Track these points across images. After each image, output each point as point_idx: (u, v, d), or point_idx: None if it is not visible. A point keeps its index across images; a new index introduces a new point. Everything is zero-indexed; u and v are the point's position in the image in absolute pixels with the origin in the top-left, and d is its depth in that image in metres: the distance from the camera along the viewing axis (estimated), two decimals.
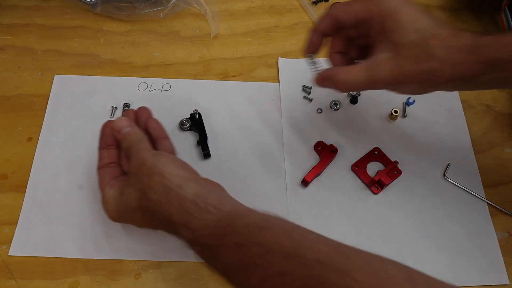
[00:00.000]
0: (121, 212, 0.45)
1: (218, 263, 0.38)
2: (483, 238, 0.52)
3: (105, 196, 0.47)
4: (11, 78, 0.61)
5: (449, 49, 0.41)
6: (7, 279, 0.48)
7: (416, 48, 0.42)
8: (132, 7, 0.65)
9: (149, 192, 0.42)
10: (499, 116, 0.61)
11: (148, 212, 0.43)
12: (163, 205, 0.41)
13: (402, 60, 0.42)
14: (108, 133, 0.49)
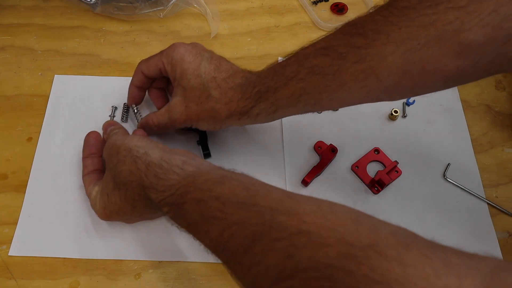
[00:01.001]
0: (104, 204, 0.47)
1: (182, 220, 0.39)
2: (483, 238, 0.52)
3: (91, 197, 0.49)
4: (11, 78, 0.61)
5: (222, 89, 0.48)
6: (7, 279, 0.48)
7: (198, 91, 0.48)
8: (132, 7, 0.65)
9: (119, 165, 0.44)
10: (499, 116, 0.61)
11: (122, 187, 0.44)
12: (133, 173, 0.43)
13: (188, 102, 0.49)
14: (92, 143, 0.52)
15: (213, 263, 0.50)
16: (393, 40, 0.39)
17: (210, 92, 0.48)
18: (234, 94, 0.48)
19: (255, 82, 0.47)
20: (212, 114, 0.49)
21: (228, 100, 0.48)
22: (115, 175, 0.45)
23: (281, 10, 0.69)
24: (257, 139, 0.58)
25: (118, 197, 0.45)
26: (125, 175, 0.44)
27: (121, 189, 0.45)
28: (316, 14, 0.68)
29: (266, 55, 0.65)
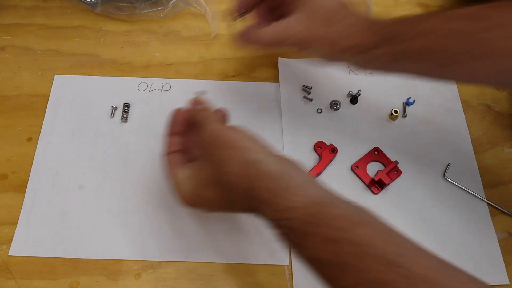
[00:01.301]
0: (195, 192, 0.43)
1: (307, 252, 0.36)
2: (483, 238, 0.52)
3: (177, 178, 0.45)
4: (11, 78, 0.61)
5: (350, 20, 0.47)
6: (7, 279, 0.48)
7: (326, 13, 0.47)
8: (132, 7, 0.65)
9: (225, 165, 0.40)
10: (499, 116, 0.61)
11: (226, 187, 0.40)
12: (243, 179, 0.39)
13: (312, 22, 0.47)
14: (178, 120, 0.48)
15: (213, 263, 0.50)
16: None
17: (338, 18, 0.47)
18: (360, 29, 0.46)
19: (389, 24, 0.45)
20: (332, 41, 0.47)
21: (353, 32, 0.46)
22: (219, 174, 0.40)
23: None
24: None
25: (217, 194, 0.41)
26: (233, 179, 0.39)
27: (224, 190, 0.41)
28: None
29: (266, 55, 0.65)
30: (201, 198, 0.43)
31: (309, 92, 0.61)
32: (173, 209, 0.53)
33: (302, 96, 0.61)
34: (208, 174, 0.42)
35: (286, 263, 0.50)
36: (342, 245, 0.34)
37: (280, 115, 0.59)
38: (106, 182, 0.54)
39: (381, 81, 0.62)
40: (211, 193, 0.42)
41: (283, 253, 0.50)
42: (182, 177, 0.44)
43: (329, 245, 0.34)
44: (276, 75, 0.63)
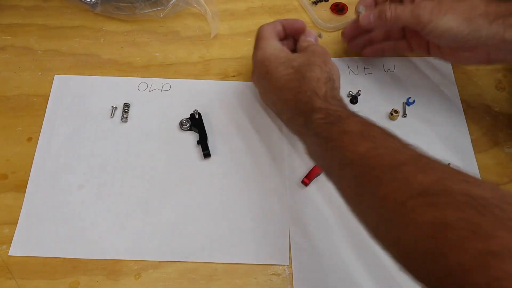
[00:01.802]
0: (272, 57, 0.51)
1: (337, 126, 0.43)
2: None
3: (267, 37, 0.53)
4: (11, 78, 0.61)
5: None
6: (7, 279, 0.48)
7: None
8: (132, 7, 0.65)
9: (311, 69, 0.49)
10: (499, 116, 0.61)
11: (298, 73, 0.49)
12: (318, 80, 0.48)
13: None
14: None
15: (213, 263, 0.50)
16: None
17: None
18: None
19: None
20: (466, 8, 0.48)
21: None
22: (305, 64, 0.50)
23: (281, 10, 0.69)
24: (257, 139, 0.58)
25: (285, 73, 0.50)
26: (308, 73, 0.48)
27: (293, 74, 0.49)
28: (316, 14, 0.68)
29: None
30: (266, 66, 0.51)
31: None
32: (173, 209, 0.53)
33: None
34: (294, 57, 0.51)
35: (286, 263, 0.50)
36: (369, 132, 0.41)
37: None
38: (106, 182, 0.54)
39: (381, 81, 0.62)
40: (281, 67, 0.50)
41: (283, 253, 0.50)
42: (273, 43, 0.53)
43: (360, 125, 0.42)
44: None
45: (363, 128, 0.42)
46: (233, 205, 0.53)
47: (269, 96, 0.53)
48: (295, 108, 0.48)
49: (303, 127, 0.47)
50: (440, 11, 0.49)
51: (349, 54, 0.65)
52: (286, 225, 0.52)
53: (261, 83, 0.54)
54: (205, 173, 0.55)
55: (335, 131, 0.42)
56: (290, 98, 0.48)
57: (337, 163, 0.41)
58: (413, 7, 0.50)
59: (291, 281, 0.49)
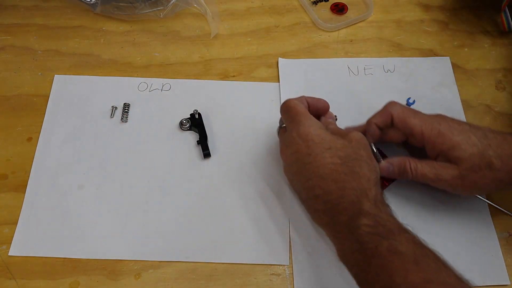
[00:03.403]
0: (317, 138, 0.46)
1: (386, 244, 0.39)
2: (483, 238, 0.52)
3: (305, 113, 0.48)
4: (11, 78, 0.61)
5: (503, 157, 0.46)
6: (7, 279, 0.48)
7: (476, 159, 0.47)
8: (132, 7, 0.65)
9: (361, 163, 0.45)
10: (499, 116, 0.61)
11: (346, 166, 0.44)
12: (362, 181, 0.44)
13: (464, 170, 0.47)
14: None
15: (213, 263, 0.50)
16: None
17: (489, 160, 0.47)
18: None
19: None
20: (491, 182, 0.48)
21: (510, 168, 0.47)
22: (349, 156, 0.45)
23: (281, 10, 0.69)
24: (257, 139, 0.58)
25: (330, 161, 0.45)
26: (357, 168, 0.45)
27: (338, 171, 0.44)
28: (316, 14, 0.68)
29: (266, 55, 0.65)
30: (318, 148, 0.45)
31: None
32: (173, 209, 0.53)
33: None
34: (341, 148, 0.45)
35: (286, 263, 0.50)
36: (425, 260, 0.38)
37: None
38: (106, 182, 0.54)
39: (381, 81, 0.62)
40: (329, 158, 0.44)
41: (283, 253, 0.50)
42: (316, 122, 0.48)
43: (414, 246, 0.39)
44: (276, 75, 0.63)
45: (416, 251, 0.38)
46: (233, 205, 0.53)
47: (303, 180, 0.46)
48: (338, 204, 0.43)
49: (344, 227, 0.42)
50: (464, 186, 0.49)
51: (349, 54, 0.65)
52: (286, 225, 0.52)
53: (297, 163, 0.47)
54: (205, 173, 0.55)
55: (385, 247, 0.38)
56: (334, 190, 0.43)
57: (381, 285, 0.38)
58: (436, 172, 0.49)
59: (291, 281, 0.49)
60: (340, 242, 0.43)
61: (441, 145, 0.48)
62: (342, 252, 0.43)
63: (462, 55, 0.65)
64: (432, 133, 0.49)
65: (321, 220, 0.46)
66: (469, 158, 0.47)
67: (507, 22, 0.65)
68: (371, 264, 0.38)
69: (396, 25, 0.68)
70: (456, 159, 0.48)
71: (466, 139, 0.48)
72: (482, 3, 0.70)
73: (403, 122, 0.50)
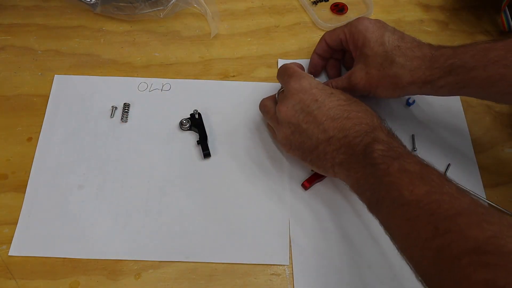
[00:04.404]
0: (320, 85, 0.50)
1: (396, 164, 0.42)
2: None
3: (300, 71, 0.52)
4: (11, 78, 0.61)
5: (407, 57, 0.50)
6: (7, 279, 0.48)
7: (381, 57, 0.51)
8: (132, 7, 0.65)
9: (363, 103, 0.50)
10: (499, 116, 0.61)
11: (355, 105, 0.48)
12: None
13: (370, 68, 0.52)
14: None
15: (213, 263, 0.50)
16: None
17: (394, 58, 0.51)
18: (420, 62, 0.50)
19: (450, 55, 0.49)
20: (393, 80, 0.51)
21: (414, 68, 0.50)
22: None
23: (281, 10, 0.69)
24: (257, 139, 0.58)
25: (335, 103, 0.48)
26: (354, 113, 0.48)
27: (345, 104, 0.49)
28: (316, 14, 0.68)
29: (266, 55, 0.65)
30: (323, 94, 0.49)
31: None
32: (173, 209, 0.53)
33: None
34: (343, 93, 0.50)
35: (286, 263, 0.50)
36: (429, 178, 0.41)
37: None
38: (106, 182, 0.54)
39: None
40: (335, 101, 0.48)
41: (283, 253, 0.50)
42: (310, 76, 0.51)
43: (420, 167, 0.42)
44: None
45: (422, 169, 0.41)
46: (233, 205, 0.53)
47: (312, 126, 0.48)
48: (355, 137, 0.45)
49: (360, 156, 0.44)
50: (371, 86, 0.53)
51: None
52: (286, 225, 0.52)
53: (303, 112, 0.48)
54: (205, 173, 0.55)
55: (395, 166, 0.41)
56: (350, 127, 0.46)
57: (390, 200, 0.41)
58: (346, 81, 0.55)
59: (291, 281, 0.49)
60: (356, 171, 0.45)
61: (357, 42, 0.54)
62: (356, 181, 0.45)
63: None
64: (353, 33, 0.54)
65: (333, 161, 0.47)
66: (374, 55, 0.52)
67: (507, 22, 0.65)
68: (383, 182, 0.41)
69: (396, 25, 0.67)
70: (364, 57, 0.53)
71: (377, 37, 0.52)
72: (482, 3, 0.70)
73: (331, 36, 0.58)
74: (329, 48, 0.59)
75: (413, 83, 0.50)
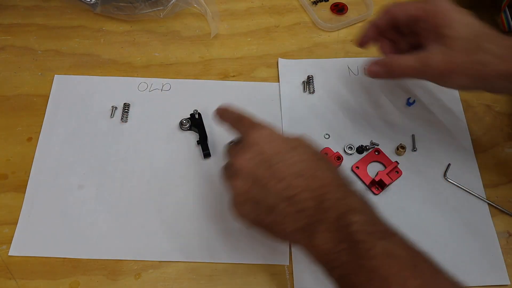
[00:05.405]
0: (280, 139, 0.42)
1: (383, 247, 0.35)
2: (483, 238, 0.52)
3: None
4: (11, 78, 0.61)
5: (499, 45, 0.44)
6: (7, 279, 0.48)
7: (468, 41, 0.45)
8: (132, 7, 0.65)
9: (330, 162, 0.44)
10: (499, 116, 0.61)
11: (322, 162, 0.41)
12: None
13: (454, 52, 0.45)
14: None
15: (213, 263, 0.50)
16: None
17: (484, 44, 0.44)
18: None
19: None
20: (481, 67, 0.44)
21: (506, 57, 0.43)
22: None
23: (281, 10, 0.69)
24: None
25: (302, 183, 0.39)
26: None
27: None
28: (316, 14, 0.68)
29: (266, 55, 0.65)
30: (283, 147, 0.41)
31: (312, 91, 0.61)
32: (173, 209, 0.53)
33: (302, 96, 0.61)
34: (303, 144, 0.43)
35: (286, 263, 0.50)
36: None
37: (280, 115, 0.59)
38: (106, 182, 0.54)
39: (381, 81, 0.62)
40: (299, 155, 0.40)
41: (283, 253, 0.50)
42: (268, 126, 0.44)
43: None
44: (276, 75, 0.63)
45: (411, 255, 0.36)
46: None
47: (273, 182, 0.39)
48: (323, 200, 0.38)
49: (330, 225, 0.37)
50: (450, 72, 0.46)
51: (349, 54, 0.65)
52: None
53: (263, 166, 0.40)
54: (205, 173, 0.55)
55: (381, 248, 0.35)
56: (317, 188, 0.38)
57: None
58: (422, 61, 0.47)
59: (291, 281, 0.49)
60: (324, 241, 0.37)
61: (435, 21, 0.46)
62: (324, 254, 0.37)
63: None
64: (431, 10, 0.47)
65: (295, 224, 0.39)
66: (459, 37, 0.45)
67: (507, 22, 0.65)
68: (363, 266, 0.35)
69: None
70: (445, 39, 0.46)
71: (461, 18, 0.46)
72: (482, 3, 0.70)
73: (400, 9, 0.50)
74: (391, 23, 0.51)
75: (503, 75, 0.44)
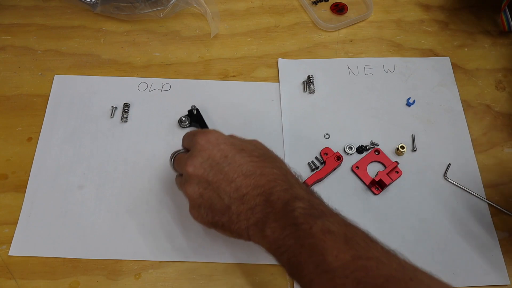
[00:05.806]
0: (228, 141, 0.45)
1: (321, 225, 0.39)
2: (483, 238, 0.52)
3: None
4: (11, 78, 0.61)
5: None
6: (7, 279, 0.48)
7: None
8: (132, 7, 0.65)
9: (277, 159, 0.46)
10: (499, 116, 0.61)
11: (268, 161, 0.44)
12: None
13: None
14: None
15: (213, 263, 0.50)
16: None
17: None
18: None
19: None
20: None
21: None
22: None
23: (281, 10, 0.69)
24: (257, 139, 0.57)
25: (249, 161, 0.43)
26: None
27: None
28: (316, 14, 0.68)
29: (266, 55, 0.65)
30: (232, 149, 0.44)
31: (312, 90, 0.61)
32: (173, 209, 0.53)
33: (302, 96, 0.61)
34: (255, 149, 0.45)
35: None
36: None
37: (280, 115, 0.59)
38: (106, 182, 0.54)
39: (381, 81, 0.62)
40: (247, 157, 0.43)
41: None
42: (217, 133, 0.46)
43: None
44: (276, 75, 0.63)
45: (346, 230, 0.39)
46: None
47: (224, 184, 0.42)
48: (271, 194, 0.41)
49: (278, 215, 0.40)
50: None
51: (349, 54, 0.65)
52: None
53: (213, 170, 0.43)
54: None
55: (318, 227, 0.38)
56: (264, 183, 0.42)
57: (313, 265, 0.37)
58: None
59: (291, 281, 0.49)
60: (272, 231, 0.40)
61: None
62: (273, 242, 0.40)
63: (462, 55, 0.65)
64: None
65: (247, 222, 0.42)
66: None
67: (507, 22, 0.65)
68: (304, 245, 0.38)
69: (396, 25, 0.68)
70: None
71: None
72: (482, 3, 0.70)
73: None
74: None
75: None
